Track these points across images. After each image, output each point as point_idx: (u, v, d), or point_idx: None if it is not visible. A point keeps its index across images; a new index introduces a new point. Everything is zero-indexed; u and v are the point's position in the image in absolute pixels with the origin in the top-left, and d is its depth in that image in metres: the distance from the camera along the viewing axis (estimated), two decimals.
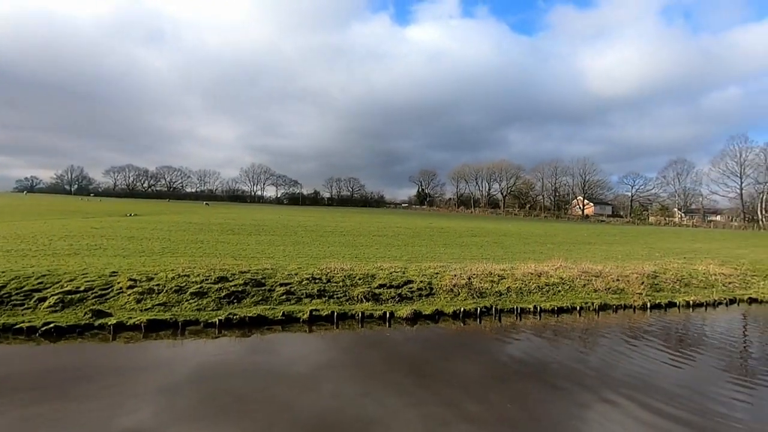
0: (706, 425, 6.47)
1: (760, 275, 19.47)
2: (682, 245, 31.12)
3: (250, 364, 8.57)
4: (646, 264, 19.30)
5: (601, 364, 9.31)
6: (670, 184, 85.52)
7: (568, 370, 8.80)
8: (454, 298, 13.52)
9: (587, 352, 10.14)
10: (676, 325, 12.96)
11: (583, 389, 7.82)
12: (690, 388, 8.00)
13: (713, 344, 11.15)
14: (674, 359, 9.77)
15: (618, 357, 9.73)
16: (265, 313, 11.22)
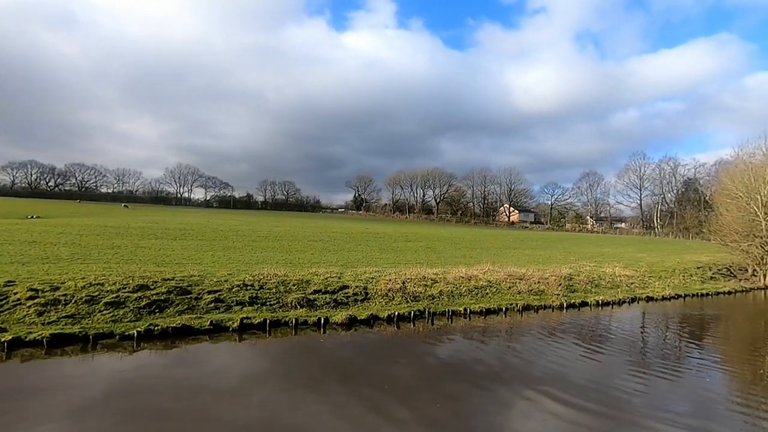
0: (610, 413, 7.18)
1: (655, 276, 22.05)
2: (593, 250, 34.29)
3: (172, 378, 8.02)
4: (563, 267, 21.02)
5: (524, 361, 9.96)
6: (583, 194, 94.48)
7: (494, 369, 9.31)
8: (389, 302, 13.71)
9: (511, 351, 10.79)
10: (588, 322, 14.24)
11: (507, 386, 8.32)
12: (598, 380, 8.84)
13: (618, 339, 12.43)
14: (586, 354, 10.74)
15: (538, 354, 10.48)
16: (190, 322, 10.57)
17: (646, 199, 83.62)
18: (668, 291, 19.48)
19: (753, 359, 11.24)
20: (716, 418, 7.10)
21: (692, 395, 8.27)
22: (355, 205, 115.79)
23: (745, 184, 26.46)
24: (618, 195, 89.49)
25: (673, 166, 79.77)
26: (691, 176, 77.73)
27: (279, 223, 43.58)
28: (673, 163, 79.99)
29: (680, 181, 79.58)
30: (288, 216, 69.20)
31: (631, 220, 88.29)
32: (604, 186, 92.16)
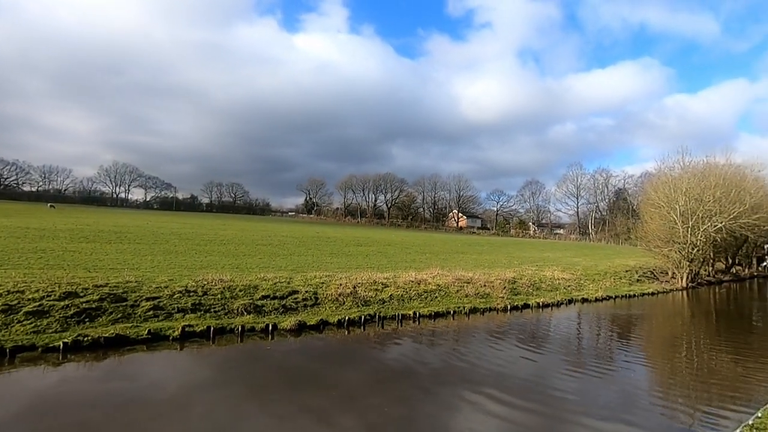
0: (546, 410, 7.56)
1: (590, 279, 23.64)
2: (534, 254, 36.15)
3: (103, 392, 7.45)
4: (508, 271, 21.97)
5: (469, 363, 10.27)
6: (526, 201, 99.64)
7: (441, 371, 9.53)
8: (339, 307, 13.62)
9: (458, 354, 11.08)
10: (529, 323, 14.97)
11: (453, 388, 8.54)
12: (537, 379, 9.30)
13: (556, 339, 13.17)
14: (526, 354, 11.27)
15: (482, 356, 10.84)
16: (126, 332, 9.88)
17: (582, 207, 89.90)
18: (600, 293, 20.95)
19: (671, 354, 12.37)
20: (639, 410, 7.70)
21: (620, 390, 8.90)
22: (306, 209, 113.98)
23: (665, 194, 29.14)
24: (557, 203, 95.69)
25: (606, 177, 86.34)
26: (621, 186, 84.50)
27: (226, 226, 41.95)
28: (606, 174, 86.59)
29: (612, 191, 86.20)
30: (235, 219, 66.80)
31: (569, 226, 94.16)
32: (545, 194, 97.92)
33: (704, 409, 7.65)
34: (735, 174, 31.31)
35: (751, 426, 5.63)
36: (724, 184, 28.59)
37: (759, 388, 7.92)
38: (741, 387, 8.77)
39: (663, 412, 7.68)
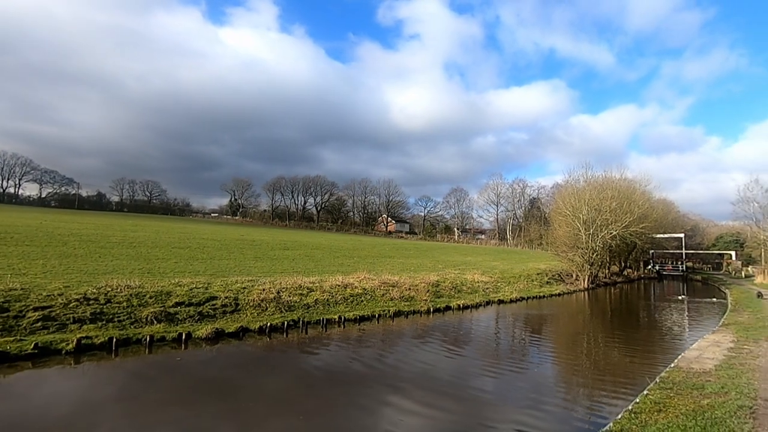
0: (465, 406, 7.93)
1: (506, 282, 25.28)
2: (458, 258, 37.86)
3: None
4: (432, 275, 22.73)
5: (395, 364, 10.44)
6: (451, 207, 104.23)
7: (365, 374, 9.56)
8: (261, 313, 13.11)
9: (383, 355, 11.21)
10: (451, 325, 15.60)
11: (379, 388, 8.61)
12: (457, 377, 9.71)
13: (476, 338, 13.88)
14: (449, 353, 11.74)
15: (406, 357, 11.08)
16: (6, 347, 8.61)
17: (501, 214, 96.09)
18: (515, 294, 22.50)
19: (574, 349, 13.60)
20: (547, 401, 8.33)
21: (531, 383, 9.58)
22: (230, 211, 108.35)
23: (571, 204, 32.18)
24: (479, 210, 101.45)
25: (522, 186, 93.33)
26: (535, 196, 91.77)
27: (138, 227, 38.40)
28: (522, 184, 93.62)
29: (527, 200, 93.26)
30: (150, 219, 61.46)
31: (489, 232, 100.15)
32: (469, 201, 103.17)
33: (600, 396, 8.49)
34: (627, 188, 35.59)
35: (631, 411, 6.37)
36: (619, 196, 32.33)
37: (643, 375, 8.98)
38: (629, 375, 9.87)
39: (566, 402, 8.41)
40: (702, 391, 7.19)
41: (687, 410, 6.25)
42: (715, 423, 5.64)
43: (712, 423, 5.65)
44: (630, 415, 6.15)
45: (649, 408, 6.42)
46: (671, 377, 8.23)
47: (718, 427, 5.51)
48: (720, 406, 6.32)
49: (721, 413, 5.99)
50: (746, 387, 7.30)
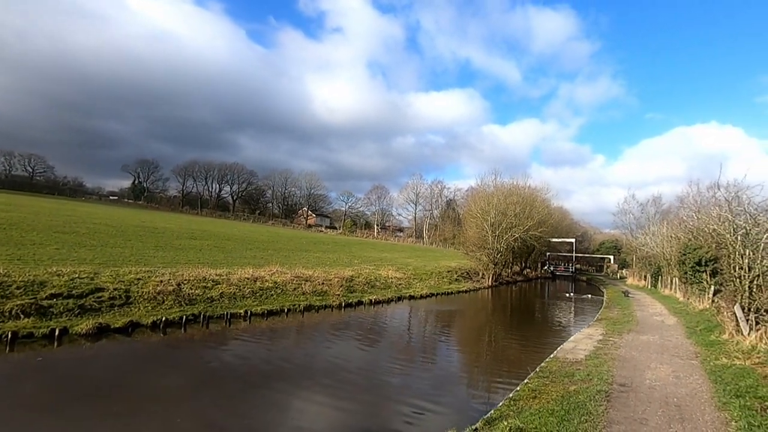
0: (373, 397, 8.08)
1: (418, 278, 26.27)
2: (374, 255, 38.47)
3: None
4: (347, 270, 22.81)
5: (304, 359, 10.30)
6: (372, 204, 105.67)
7: (274, 369, 9.27)
8: (157, 307, 12.10)
9: (292, 350, 10.99)
10: (363, 319, 15.78)
11: (287, 384, 8.41)
12: (368, 370, 9.86)
13: (387, 332, 14.20)
14: (361, 347, 11.88)
15: (317, 351, 11.00)
16: None
17: (419, 213, 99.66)
18: (426, 290, 23.47)
19: (477, 342, 14.57)
20: (451, 389, 8.84)
21: (437, 374, 10.05)
22: (133, 194, 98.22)
23: (481, 208, 34.39)
24: (399, 208, 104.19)
25: (440, 188, 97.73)
26: (451, 197, 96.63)
27: (11, 206, 33.14)
28: (441, 185, 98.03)
29: (444, 201, 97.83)
30: (31, 198, 53.36)
31: (407, 230, 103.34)
32: (389, 199, 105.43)
33: (496, 385, 9.17)
34: (530, 195, 38.94)
35: (511, 398, 7.02)
36: (522, 202, 35.28)
37: (533, 365, 9.89)
38: (522, 365, 10.77)
39: (468, 390, 9.02)
40: (572, 379, 8.12)
41: (557, 396, 7.01)
42: (577, 406, 6.40)
43: (575, 406, 6.40)
44: (509, 402, 6.75)
45: (526, 395, 7.09)
46: (549, 367, 9.18)
47: (579, 410, 6.25)
48: (583, 391, 7.18)
49: (584, 398, 6.82)
50: (606, 374, 8.40)
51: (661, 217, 40.37)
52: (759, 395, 6.87)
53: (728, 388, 7.42)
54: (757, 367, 8.56)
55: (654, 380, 8.18)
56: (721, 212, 13.06)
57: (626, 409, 6.44)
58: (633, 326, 15.09)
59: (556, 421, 5.84)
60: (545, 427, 5.64)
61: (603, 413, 6.21)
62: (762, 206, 11.74)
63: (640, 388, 7.65)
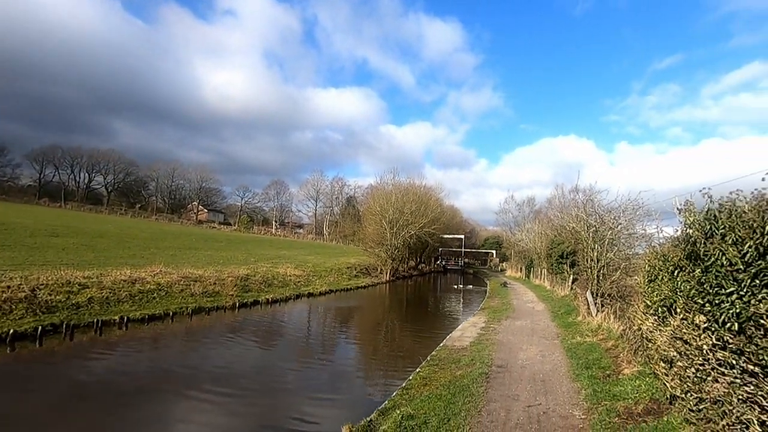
0: (271, 394, 7.82)
1: (317, 275, 26.11)
2: (272, 252, 37.18)
3: None
4: (242, 268, 21.70)
5: (194, 364, 9.54)
6: (271, 200, 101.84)
7: (157, 378, 8.43)
8: (2, 317, 10.16)
9: (179, 357, 10.11)
10: (260, 319, 15.16)
11: (173, 393, 7.70)
12: (264, 371, 9.53)
13: (286, 332, 13.86)
14: (258, 348, 11.42)
15: (209, 355, 10.28)
16: None
17: (320, 210, 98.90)
18: (325, 287, 23.44)
19: (375, 336, 14.95)
20: (348, 383, 8.96)
21: (336, 370, 10.09)
22: None
23: (380, 205, 35.44)
24: (299, 204, 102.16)
25: (341, 185, 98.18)
26: (352, 195, 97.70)
27: None
28: (341, 182, 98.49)
29: (345, 198, 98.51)
30: None
31: (307, 226, 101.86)
32: (289, 195, 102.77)
33: (393, 375, 9.53)
34: (425, 194, 41.23)
35: (403, 387, 7.44)
36: (418, 201, 37.19)
37: (425, 354, 10.51)
38: (416, 355, 11.37)
39: (365, 383, 9.21)
40: (458, 364, 8.86)
41: (445, 381, 7.60)
42: (462, 389, 7.02)
43: (460, 389, 7.02)
44: (402, 391, 7.13)
45: (418, 383, 7.57)
46: (438, 355, 9.89)
47: (464, 392, 6.87)
48: (467, 375, 7.90)
49: (468, 381, 7.50)
50: (487, 358, 9.34)
51: (534, 216, 46.02)
52: (602, 365, 8.27)
53: (580, 362, 8.79)
54: (601, 342, 10.28)
55: (525, 360, 9.34)
56: (578, 212, 15.35)
57: (502, 388, 7.26)
58: (510, 313, 16.97)
59: (444, 404, 6.34)
60: (433, 411, 6.08)
61: (483, 393, 6.90)
62: (607, 208, 14.08)
63: (514, 368, 8.67)
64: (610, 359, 8.56)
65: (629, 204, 13.22)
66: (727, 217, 4.63)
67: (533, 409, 6.34)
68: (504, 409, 6.28)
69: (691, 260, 5.29)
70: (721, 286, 4.40)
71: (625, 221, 13.39)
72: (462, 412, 6.06)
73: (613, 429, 5.46)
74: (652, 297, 6.39)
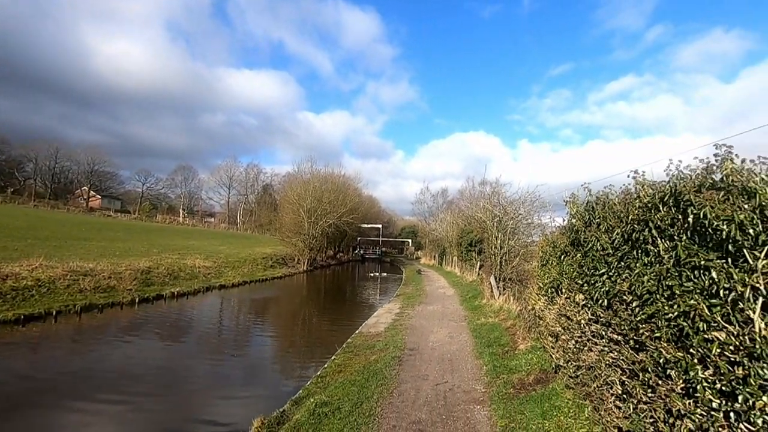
0: (177, 394, 7.31)
1: (230, 266, 24.87)
2: (180, 242, 34.49)
3: None
4: (143, 260, 19.85)
5: (81, 367, 8.58)
6: (178, 186, 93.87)
7: (35, 387, 7.40)
8: None
9: (64, 360, 8.98)
10: (165, 315, 14.05)
11: (52, 402, 6.82)
12: (172, 368, 8.89)
13: (196, 327, 13.00)
14: (161, 346, 10.57)
15: (100, 356, 9.29)
16: None
17: (233, 198, 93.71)
18: (238, 279, 22.44)
19: (292, 327, 14.69)
20: (261, 377, 8.70)
21: (250, 364, 9.75)
22: None
23: (298, 194, 34.68)
24: (210, 191, 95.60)
25: (257, 172, 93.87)
26: (268, 182, 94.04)
27: None
28: (257, 169, 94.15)
29: (260, 186, 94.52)
30: None
31: (220, 215, 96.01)
32: (198, 181, 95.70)
33: (310, 365, 9.45)
34: (343, 183, 41.26)
35: (318, 375, 7.49)
36: (337, 190, 37.08)
37: (341, 342, 10.60)
38: (333, 343, 11.43)
39: (281, 374, 9.06)
40: (372, 350, 9.12)
41: (360, 367, 7.78)
42: (375, 373, 7.25)
43: (374, 374, 7.24)
44: (317, 380, 7.16)
45: (333, 370, 7.65)
46: (354, 342, 10.07)
47: (377, 376, 7.10)
48: (381, 359, 8.17)
49: (381, 365, 7.76)
50: (400, 342, 9.73)
51: (447, 206, 48.51)
52: (502, 343, 9.09)
53: (483, 341, 9.57)
54: (502, 322, 11.27)
55: (435, 342, 9.90)
56: (485, 204, 16.52)
57: (413, 369, 7.63)
58: (423, 299, 17.81)
59: (357, 389, 6.50)
60: (347, 396, 6.21)
61: (395, 376, 7.20)
62: (510, 200, 15.37)
63: (425, 350, 9.15)
64: (509, 337, 9.44)
65: (528, 196, 14.58)
66: (601, 208, 5.33)
67: (440, 386, 6.77)
68: (414, 389, 6.62)
69: (574, 246, 6.02)
70: (596, 268, 5.08)
71: (524, 212, 14.73)
72: (375, 395, 6.27)
73: (508, 399, 6.05)
74: (543, 279, 7.16)
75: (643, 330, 3.97)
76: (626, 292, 4.33)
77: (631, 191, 4.80)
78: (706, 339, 3.16)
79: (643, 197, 4.39)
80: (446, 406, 5.99)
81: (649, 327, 3.90)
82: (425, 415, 5.68)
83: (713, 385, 3.07)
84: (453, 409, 5.90)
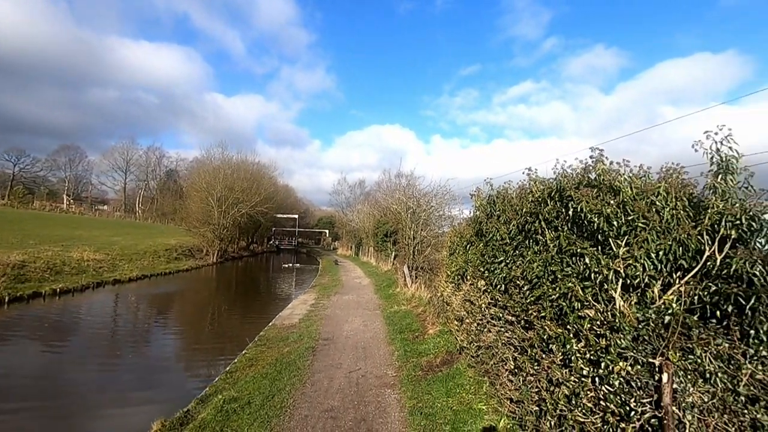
0: (58, 403, 6.46)
1: (126, 259, 22.55)
2: (64, 232, 30.37)
3: None
4: (16, 253, 17.13)
5: None
6: (61, 169, 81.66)
7: None
8: None
9: None
10: (44, 315, 12.31)
11: None
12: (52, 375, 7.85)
13: (83, 328, 11.57)
14: (41, 350, 9.30)
15: None
16: None
17: (131, 184, 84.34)
18: (136, 272, 20.46)
19: (200, 322, 13.76)
20: (163, 377, 8.05)
21: (150, 364, 8.93)
22: None
23: (207, 181, 32.51)
24: (102, 175, 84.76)
25: (159, 156, 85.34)
26: (173, 168, 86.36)
27: None
28: (159, 153, 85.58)
29: (164, 171, 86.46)
30: None
31: (114, 202, 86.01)
32: (88, 164, 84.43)
33: (219, 361, 8.98)
34: (257, 171, 39.58)
35: (227, 371, 7.20)
36: (250, 178, 35.45)
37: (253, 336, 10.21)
38: (244, 337, 10.97)
39: (186, 373, 8.47)
40: (286, 341, 8.98)
41: (272, 360, 7.62)
42: (288, 365, 7.16)
43: (287, 365, 7.15)
44: (226, 375, 6.88)
45: (243, 365, 7.40)
46: (267, 334, 9.83)
47: (290, 367, 7.03)
48: (295, 351, 8.09)
49: (294, 356, 7.69)
50: (315, 332, 9.71)
51: (364, 197, 49.00)
52: (413, 329, 9.52)
53: (395, 327, 9.94)
54: (414, 309, 11.79)
55: (349, 331, 10.05)
56: (400, 196, 17.04)
57: (327, 359, 7.69)
58: (339, 289, 17.91)
59: (269, 382, 6.37)
60: (258, 390, 6.07)
61: (309, 366, 7.19)
62: (423, 192, 16.05)
63: (339, 339, 9.25)
64: (420, 323, 9.93)
65: (440, 189, 15.36)
66: (501, 202, 5.83)
67: (353, 374, 6.92)
68: (327, 378, 6.68)
69: (478, 236, 6.52)
70: (495, 256, 5.56)
71: (436, 204, 15.50)
72: (287, 387, 6.20)
73: (417, 381, 6.40)
74: (451, 267, 7.64)
75: (532, 311, 4.47)
76: (519, 277, 4.82)
77: (526, 187, 5.33)
78: (580, 316, 3.66)
79: (534, 192, 4.90)
80: (358, 392, 6.15)
81: (536, 308, 4.40)
82: (338, 402, 5.78)
83: (584, 355, 3.58)
84: (365, 394, 6.08)
